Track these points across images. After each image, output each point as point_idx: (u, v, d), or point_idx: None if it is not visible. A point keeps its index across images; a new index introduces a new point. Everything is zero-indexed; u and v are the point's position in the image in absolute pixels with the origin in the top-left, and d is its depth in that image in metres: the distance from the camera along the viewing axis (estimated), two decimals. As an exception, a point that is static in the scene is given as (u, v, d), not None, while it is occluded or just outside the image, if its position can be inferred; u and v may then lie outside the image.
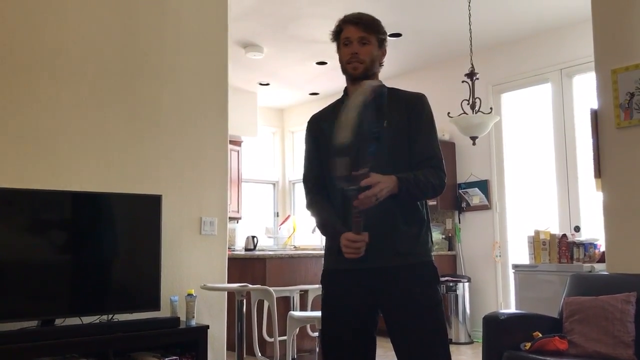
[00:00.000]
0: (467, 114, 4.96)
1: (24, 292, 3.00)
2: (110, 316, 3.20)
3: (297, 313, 4.06)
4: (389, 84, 2.20)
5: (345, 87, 2.14)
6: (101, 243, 3.30)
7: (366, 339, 2.03)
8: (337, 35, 2.09)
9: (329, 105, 2.19)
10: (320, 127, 2.13)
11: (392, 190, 1.85)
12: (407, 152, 2.01)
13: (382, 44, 2.08)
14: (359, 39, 2.03)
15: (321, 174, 2.11)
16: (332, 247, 2.02)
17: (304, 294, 5.05)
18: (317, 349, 3.76)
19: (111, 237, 3.36)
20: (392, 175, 1.87)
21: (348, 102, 1.81)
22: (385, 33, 2.10)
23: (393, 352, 1.99)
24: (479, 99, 5.00)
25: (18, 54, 3.24)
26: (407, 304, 1.94)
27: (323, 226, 2.09)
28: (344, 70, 2.09)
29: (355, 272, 1.97)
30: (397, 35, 5.87)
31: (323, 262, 2.12)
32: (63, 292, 3.15)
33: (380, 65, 2.12)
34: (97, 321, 3.16)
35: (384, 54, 2.10)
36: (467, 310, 6.01)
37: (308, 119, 2.28)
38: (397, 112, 2.02)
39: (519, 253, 5.78)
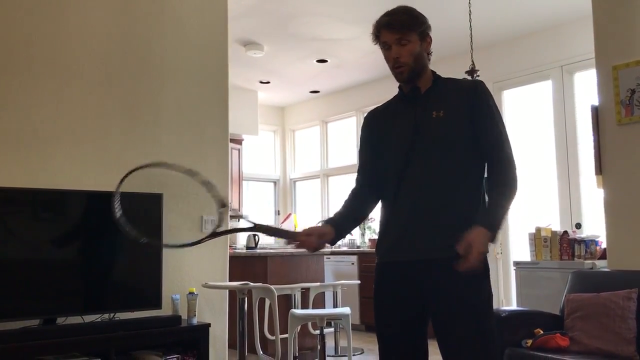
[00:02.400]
0: (467, 111, 4.94)
1: (26, 291, 3.00)
2: (112, 315, 3.20)
3: (299, 311, 4.06)
4: (387, 81, 2.19)
5: (399, 85, 2.07)
6: (102, 242, 3.31)
7: (415, 335, 1.97)
8: (377, 38, 2.02)
9: (385, 102, 2.15)
10: (376, 123, 2.11)
11: (486, 239, 1.80)
12: (466, 138, 1.93)
13: (424, 36, 1.99)
14: (396, 41, 1.94)
15: (368, 166, 2.12)
16: (380, 239, 2.05)
17: (305, 292, 5.05)
18: (319, 347, 3.76)
19: (112, 236, 3.36)
20: (480, 229, 1.80)
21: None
22: (423, 23, 1.99)
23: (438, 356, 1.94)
24: (480, 96, 4.99)
25: (18, 53, 3.24)
26: (452, 299, 1.87)
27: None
28: (393, 74, 2.02)
29: (402, 265, 1.94)
30: (398, 32, 5.86)
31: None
32: (65, 290, 3.15)
33: (429, 54, 2.03)
34: (99, 320, 3.17)
35: (429, 43, 2.01)
36: (469, 308, 5.98)
37: (311, 116, 2.29)
38: (453, 100, 1.96)
39: (520, 250, 5.78)
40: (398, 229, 1.96)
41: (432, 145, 1.93)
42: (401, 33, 1.94)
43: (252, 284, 3.92)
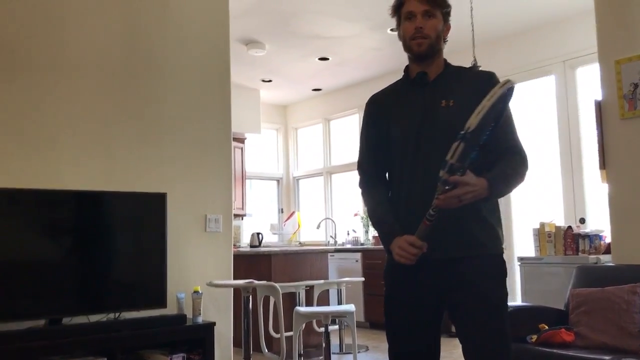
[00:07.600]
0: (470, 107, 4.93)
1: (31, 291, 3.01)
2: (117, 314, 3.21)
3: (303, 309, 4.07)
4: (389, 78, 2.18)
5: (407, 66, 2.01)
6: (107, 241, 3.31)
7: (429, 336, 1.93)
8: (398, 9, 1.95)
9: (388, 86, 2.08)
10: (382, 108, 2.01)
11: (480, 195, 1.73)
12: None
13: (447, 18, 1.95)
14: (423, 12, 1.89)
15: (380, 159, 2.01)
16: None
17: (309, 290, 5.06)
18: (324, 344, 3.77)
19: (117, 236, 3.37)
20: (483, 179, 1.74)
21: (494, 88, 1.67)
22: (450, 6, 1.96)
23: (459, 351, 1.92)
24: (482, 92, 4.98)
25: (20, 52, 3.25)
26: (474, 300, 1.83)
27: (378, 223, 1.99)
28: (407, 48, 1.94)
29: (417, 266, 1.82)
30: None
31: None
32: (70, 291, 3.16)
33: (445, 41, 1.97)
34: (105, 319, 3.17)
35: (448, 28, 1.97)
36: (473, 304, 5.98)
37: (314, 114, 2.23)
38: (464, 90, 1.90)
39: (524, 245, 5.77)
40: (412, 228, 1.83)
41: (441, 135, 1.83)
42: (429, 5, 1.90)
43: (256, 282, 3.93)
